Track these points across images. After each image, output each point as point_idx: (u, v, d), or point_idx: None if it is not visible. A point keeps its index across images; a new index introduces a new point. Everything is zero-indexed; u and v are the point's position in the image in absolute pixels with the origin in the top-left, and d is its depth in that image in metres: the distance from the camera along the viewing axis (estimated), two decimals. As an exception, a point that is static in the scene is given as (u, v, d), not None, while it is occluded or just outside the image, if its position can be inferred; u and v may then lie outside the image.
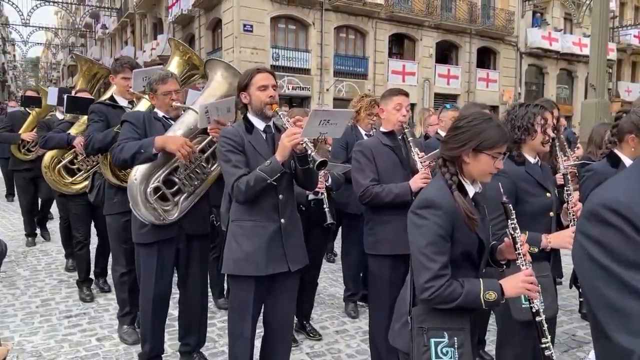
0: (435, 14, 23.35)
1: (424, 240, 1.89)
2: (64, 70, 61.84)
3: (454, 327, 1.94)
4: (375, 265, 3.30)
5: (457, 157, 2.00)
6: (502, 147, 1.98)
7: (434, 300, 1.87)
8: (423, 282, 1.87)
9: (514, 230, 2.05)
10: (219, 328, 4.27)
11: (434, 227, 1.89)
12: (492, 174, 2.02)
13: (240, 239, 2.74)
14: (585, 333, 4.33)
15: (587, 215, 0.91)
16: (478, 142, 1.94)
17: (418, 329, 1.93)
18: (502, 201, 2.09)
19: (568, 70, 28.64)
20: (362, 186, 3.19)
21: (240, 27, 19.75)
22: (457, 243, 1.93)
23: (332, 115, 2.65)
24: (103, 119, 3.90)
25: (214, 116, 3.14)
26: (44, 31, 41.41)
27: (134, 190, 3.15)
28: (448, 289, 1.86)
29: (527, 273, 1.96)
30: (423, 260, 1.88)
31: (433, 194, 1.96)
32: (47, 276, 5.58)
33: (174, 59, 3.98)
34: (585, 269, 0.89)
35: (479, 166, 1.98)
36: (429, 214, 1.91)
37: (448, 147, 2.03)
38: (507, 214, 2.07)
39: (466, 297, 1.87)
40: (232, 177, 2.65)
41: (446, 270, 1.88)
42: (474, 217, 1.96)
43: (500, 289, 1.91)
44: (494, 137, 1.95)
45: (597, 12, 9.26)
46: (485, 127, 1.96)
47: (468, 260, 2.00)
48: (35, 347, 3.87)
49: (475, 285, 1.90)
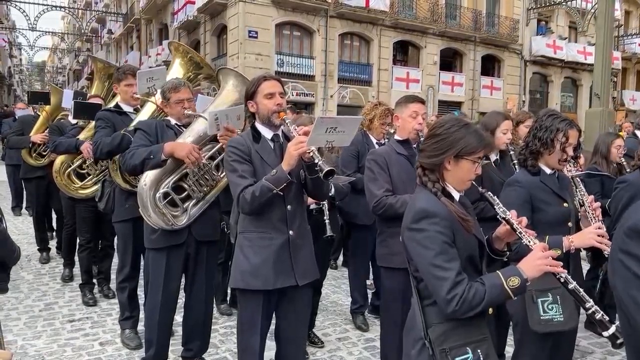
0: (440, 21, 23.40)
1: (431, 252, 1.82)
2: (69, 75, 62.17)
3: (475, 339, 1.87)
4: (388, 278, 3.23)
5: (439, 164, 1.98)
6: (481, 152, 1.98)
7: (461, 309, 1.77)
8: (445, 295, 1.78)
9: (505, 214, 2.01)
10: (221, 334, 4.28)
11: (437, 236, 1.84)
12: (470, 180, 2.00)
13: (247, 251, 2.68)
14: (589, 343, 4.31)
15: (628, 233, 0.87)
16: (459, 148, 1.94)
17: (440, 352, 1.84)
18: (480, 192, 2.06)
19: (572, 78, 28.63)
20: (375, 197, 3.10)
21: (245, 34, 19.85)
22: (460, 248, 1.88)
23: (339, 122, 2.55)
24: (109, 125, 3.94)
25: (223, 123, 3.14)
26: (51, 36, 41.67)
27: (144, 195, 3.17)
28: (471, 291, 1.77)
29: (540, 248, 1.88)
30: (437, 273, 1.80)
31: (423, 204, 1.91)
32: (51, 280, 5.60)
33: (176, 61, 4.01)
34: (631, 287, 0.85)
35: (460, 172, 1.97)
36: (427, 224, 1.86)
37: (427, 155, 2.01)
38: (490, 202, 2.04)
39: (491, 293, 1.78)
40: (238, 188, 2.59)
41: (462, 275, 1.80)
42: (468, 218, 1.95)
43: (520, 272, 1.81)
44: (474, 142, 1.95)
45: (602, 20, 9.26)
46: (464, 132, 1.95)
47: (471, 264, 1.96)
48: (38, 351, 3.88)
49: (496, 278, 1.81)
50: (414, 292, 1.99)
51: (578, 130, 2.75)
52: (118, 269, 4.15)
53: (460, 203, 2.02)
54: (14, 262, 2.71)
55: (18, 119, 7.42)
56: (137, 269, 4.14)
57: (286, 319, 2.81)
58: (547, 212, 2.62)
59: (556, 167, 2.75)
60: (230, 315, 4.66)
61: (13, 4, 31.46)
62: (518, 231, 1.99)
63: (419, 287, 1.97)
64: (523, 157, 2.81)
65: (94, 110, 4.34)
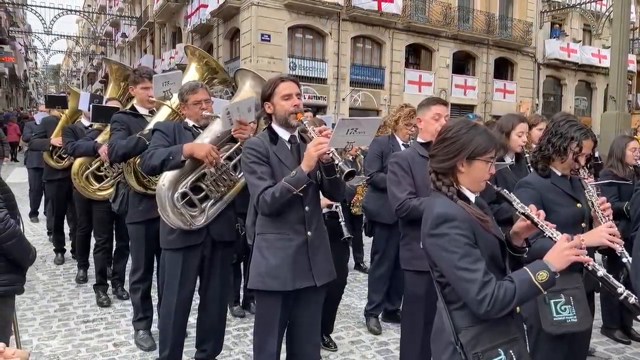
0: (453, 24, 23.32)
1: (455, 255, 1.82)
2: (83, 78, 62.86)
3: (506, 339, 1.87)
4: (411, 282, 3.21)
5: (452, 167, 1.98)
6: (493, 152, 1.98)
7: (494, 308, 1.76)
8: (474, 296, 1.77)
9: (523, 209, 1.99)
10: (234, 336, 4.28)
11: (459, 239, 1.83)
12: (485, 180, 2.00)
13: (266, 252, 2.68)
14: (606, 349, 4.25)
15: None
16: (471, 150, 1.94)
17: (473, 356, 1.84)
18: (495, 190, 2.05)
19: (587, 81, 28.38)
20: (398, 199, 3.10)
21: (258, 37, 19.92)
22: (481, 249, 1.87)
23: (360, 123, 2.57)
24: (125, 127, 3.97)
25: (235, 117, 3.14)
26: (66, 39, 42.15)
27: (162, 195, 3.19)
28: (501, 290, 1.76)
29: (564, 238, 1.86)
30: (464, 275, 1.79)
31: (441, 209, 1.91)
32: (66, 281, 5.65)
33: (192, 66, 4.03)
34: None
35: (474, 173, 1.97)
36: (447, 228, 1.85)
37: (439, 159, 2.01)
38: (508, 200, 2.04)
39: (521, 289, 1.77)
40: (258, 189, 2.59)
41: (489, 275, 1.79)
42: (486, 218, 1.94)
43: (547, 266, 1.80)
44: (485, 142, 1.95)
45: (617, 23, 9.17)
46: (474, 133, 1.96)
47: (494, 263, 1.94)
48: (53, 351, 3.91)
49: (524, 274, 1.80)
50: (440, 297, 1.98)
51: (593, 140, 2.73)
52: (132, 271, 4.17)
53: (476, 204, 2.01)
54: (29, 263, 2.74)
55: (42, 120, 7.39)
56: (150, 270, 4.16)
57: (301, 320, 2.81)
58: (560, 213, 2.60)
59: (566, 174, 2.73)
60: (243, 317, 4.67)
61: (29, 8, 31.90)
62: (540, 224, 1.97)
63: (445, 292, 1.96)
64: (534, 160, 2.80)
65: (111, 114, 4.38)
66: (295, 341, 2.86)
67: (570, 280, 2.43)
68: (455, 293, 1.89)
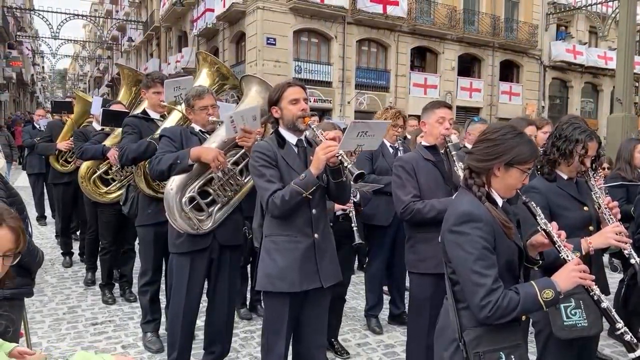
0: (458, 27, 23.32)
1: (471, 256, 1.83)
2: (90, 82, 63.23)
3: (508, 344, 1.88)
4: (417, 284, 3.23)
5: (488, 169, 1.97)
6: (532, 163, 1.98)
7: (494, 316, 1.79)
8: (479, 301, 1.79)
9: (546, 225, 1.99)
10: (242, 338, 4.30)
11: (479, 241, 1.84)
12: (517, 189, 2.00)
13: (274, 254, 2.72)
14: (613, 351, 4.24)
15: None
16: (512, 157, 1.92)
17: (474, 355, 1.86)
18: (524, 201, 2.05)
19: (593, 83, 28.28)
20: (403, 202, 3.12)
21: (263, 41, 20.00)
22: (499, 254, 1.88)
23: (370, 126, 2.61)
24: (136, 131, 4.01)
25: (239, 125, 3.17)
26: (72, 44, 42.45)
27: (170, 200, 3.22)
28: (505, 299, 1.78)
29: (576, 262, 1.89)
30: (475, 278, 1.81)
31: (468, 207, 1.91)
32: (74, 283, 5.69)
33: (203, 71, 4.05)
34: None
35: (508, 180, 1.96)
36: (469, 228, 1.86)
37: (477, 158, 1.99)
38: (532, 212, 2.03)
39: (525, 303, 1.80)
40: (267, 192, 2.63)
41: (499, 283, 1.81)
42: (510, 225, 1.94)
43: (554, 285, 1.82)
44: (527, 152, 1.94)
45: (624, 25, 9.14)
46: (519, 141, 1.94)
47: (510, 270, 1.95)
48: (62, 353, 3.94)
49: (530, 288, 1.82)
50: (449, 294, 2.00)
51: (598, 142, 2.73)
52: (140, 273, 4.20)
53: (502, 209, 2.01)
54: (37, 267, 2.77)
55: (47, 125, 7.43)
56: (159, 273, 4.19)
57: (307, 321, 2.84)
58: (567, 217, 2.60)
59: (573, 176, 2.73)
60: (250, 320, 4.69)
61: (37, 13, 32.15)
62: (557, 244, 1.98)
63: (455, 290, 1.98)
64: (540, 164, 2.79)
65: (121, 118, 4.43)
66: (301, 342, 2.89)
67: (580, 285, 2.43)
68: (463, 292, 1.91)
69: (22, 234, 1.74)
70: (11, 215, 1.73)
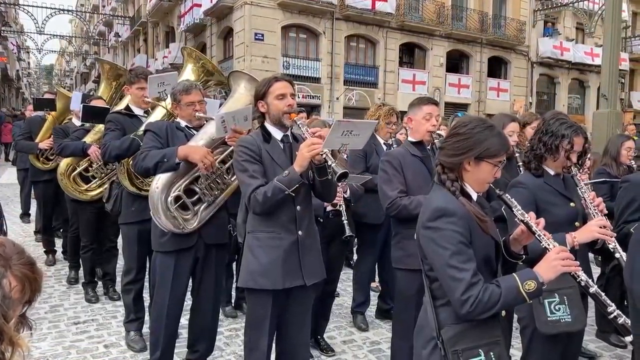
0: (446, 23, 23.34)
1: (447, 251, 1.80)
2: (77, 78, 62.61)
3: (487, 341, 1.86)
4: (403, 280, 3.21)
5: (459, 164, 1.95)
6: (503, 156, 1.95)
7: (475, 311, 1.75)
8: (459, 296, 1.76)
9: (523, 216, 1.97)
10: (226, 336, 4.26)
11: (454, 235, 1.81)
12: (489, 183, 1.98)
13: (257, 251, 2.68)
14: (597, 347, 4.26)
15: None
16: (481, 150, 1.90)
17: (453, 353, 1.82)
18: (497, 194, 2.02)
19: (580, 80, 28.49)
20: (389, 198, 3.11)
21: (251, 36, 19.88)
22: (476, 248, 1.85)
23: (355, 126, 2.58)
24: (119, 127, 3.95)
25: (230, 125, 3.12)
26: (58, 39, 41.95)
27: (155, 198, 3.17)
28: (486, 293, 1.75)
29: (557, 250, 1.85)
30: (453, 273, 1.78)
31: (441, 203, 1.88)
32: (57, 282, 5.61)
33: (188, 67, 4.00)
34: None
35: (479, 174, 1.94)
36: (444, 223, 1.83)
37: (447, 153, 1.97)
38: (508, 204, 2.00)
39: (506, 296, 1.76)
40: (249, 188, 2.59)
41: (478, 277, 1.78)
42: (486, 219, 1.92)
43: (536, 276, 1.79)
44: (497, 145, 1.91)
45: (610, 22, 9.18)
46: (487, 135, 1.92)
47: (487, 264, 1.93)
48: (43, 353, 3.88)
49: (511, 280, 1.78)
50: (427, 291, 1.97)
51: (584, 137, 2.73)
52: (124, 272, 4.15)
53: (477, 203, 1.99)
54: None
55: (26, 120, 7.26)
56: (143, 271, 4.14)
57: (291, 319, 2.81)
58: (553, 212, 2.59)
59: (559, 172, 2.73)
60: (235, 318, 4.65)
61: (21, 7, 31.71)
62: (537, 234, 1.94)
63: (432, 287, 1.95)
64: (527, 160, 2.79)
65: (102, 115, 4.36)
66: (285, 340, 2.86)
67: (564, 280, 2.40)
68: (442, 289, 1.87)
69: (31, 282, 1.41)
70: (21, 261, 1.41)
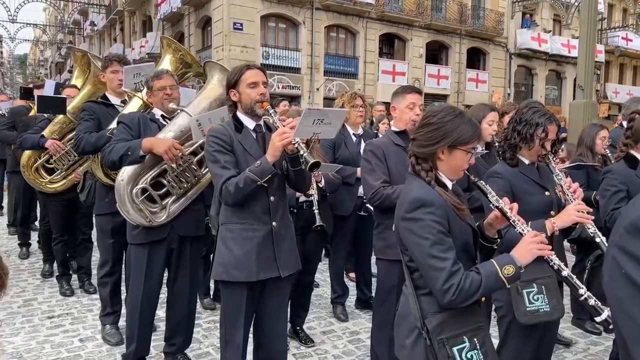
0: (426, 14, 23.40)
1: (427, 241, 1.81)
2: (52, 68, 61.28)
3: (470, 327, 1.88)
4: (384, 271, 3.20)
5: (432, 153, 1.96)
6: (475, 142, 1.97)
7: (458, 299, 1.77)
8: (441, 285, 1.77)
9: (497, 202, 1.99)
10: (205, 329, 4.22)
11: (433, 225, 1.82)
12: (463, 170, 1.99)
13: (230, 243, 2.64)
14: (572, 333, 4.33)
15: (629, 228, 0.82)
16: (454, 138, 1.91)
17: (438, 342, 1.83)
18: (472, 180, 2.03)
19: (557, 71, 28.85)
20: (372, 187, 3.08)
21: (230, 26, 19.66)
22: (454, 236, 1.87)
23: (326, 114, 2.54)
24: (94, 117, 3.87)
25: (207, 127, 3.03)
26: (32, 28, 40.96)
27: (121, 191, 3.12)
28: (467, 280, 1.77)
29: (532, 235, 1.88)
30: (433, 263, 1.79)
31: (418, 193, 1.89)
32: (30, 276, 5.49)
33: (166, 57, 3.93)
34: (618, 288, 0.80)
35: (453, 162, 1.95)
36: (422, 213, 1.84)
37: (420, 144, 1.98)
38: (483, 191, 2.02)
39: (487, 281, 1.79)
40: (221, 179, 2.54)
41: (458, 265, 1.80)
42: (462, 207, 1.94)
43: (514, 260, 1.82)
44: (469, 132, 1.93)
45: (586, 13, 9.28)
46: (459, 122, 1.93)
47: (466, 251, 1.95)
48: (16, 348, 3.79)
49: (490, 266, 1.82)
50: (408, 282, 1.97)
51: (557, 125, 2.75)
52: (99, 264, 4.08)
53: (453, 191, 2.00)
54: None
55: (10, 110, 7.03)
56: (119, 263, 4.07)
57: (267, 311, 2.78)
58: (529, 202, 2.60)
59: (533, 161, 2.74)
60: (213, 310, 4.61)
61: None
62: (511, 219, 1.97)
63: (414, 277, 1.96)
64: (502, 149, 2.80)
65: (57, 104, 4.27)
66: (262, 332, 2.83)
67: (541, 270, 2.42)
68: (424, 279, 1.88)
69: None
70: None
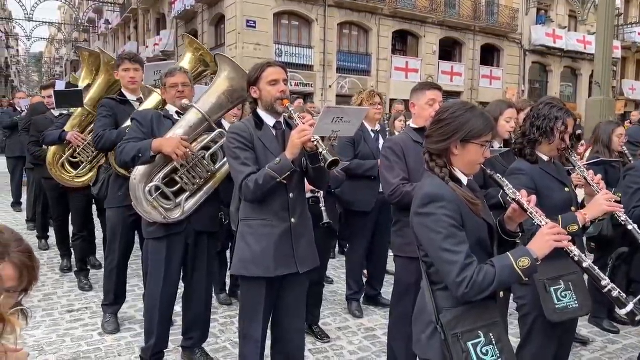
0: (439, 10, 23.27)
1: (440, 235, 1.81)
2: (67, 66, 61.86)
3: (486, 323, 1.87)
4: (402, 268, 3.20)
5: (445, 149, 1.96)
6: (488, 135, 1.96)
7: (471, 292, 1.76)
8: (454, 278, 1.77)
9: (514, 194, 1.98)
10: (221, 324, 4.26)
11: (445, 219, 1.82)
12: (480, 164, 1.98)
13: (249, 238, 2.66)
14: (590, 332, 4.30)
15: None
16: (466, 133, 1.92)
17: (452, 337, 1.83)
18: (488, 174, 2.02)
19: (572, 68, 28.54)
20: (391, 185, 3.07)
21: (243, 23, 19.72)
22: (468, 232, 1.87)
23: (345, 112, 2.54)
24: (111, 114, 3.93)
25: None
26: (47, 26, 41.40)
27: (136, 189, 3.16)
28: (481, 274, 1.76)
29: (550, 226, 1.86)
30: (446, 257, 1.79)
31: (429, 189, 1.90)
32: (50, 270, 5.58)
33: (187, 55, 3.97)
34: None
35: (468, 156, 1.95)
36: (434, 208, 1.85)
37: (434, 140, 1.99)
38: (499, 184, 2.02)
39: (501, 274, 1.77)
40: (241, 175, 2.57)
41: (472, 258, 1.79)
42: (477, 202, 1.93)
43: (530, 253, 1.79)
44: (480, 125, 1.93)
45: (603, 9, 9.17)
46: (470, 116, 1.93)
47: (481, 246, 1.94)
48: (37, 341, 3.86)
49: (506, 259, 1.79)
50: (425, 277, 1.98)
51: (574, 119, 2.75)
52: (106, 256, 4.15)
53: (468, 187, 2.00)
54: None
55: (30, 107, 7.10)
56: (126, 256, 4.14)
57: (285, 306, 2.80)
58: (552, 197, 2.60)
59: (554, 155, 2.73)
60: (230, 305, 4.65)
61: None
62: (529, 211, 1.95)
63: (429, 272, 1.96)
64: (520, 146, 2.78)
65: (75, 96, 4.32)
66: (280, 327, 2.85)
67: (567, 266, 2.40)
68: (439, 274, 1.88)
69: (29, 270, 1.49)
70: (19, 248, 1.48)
